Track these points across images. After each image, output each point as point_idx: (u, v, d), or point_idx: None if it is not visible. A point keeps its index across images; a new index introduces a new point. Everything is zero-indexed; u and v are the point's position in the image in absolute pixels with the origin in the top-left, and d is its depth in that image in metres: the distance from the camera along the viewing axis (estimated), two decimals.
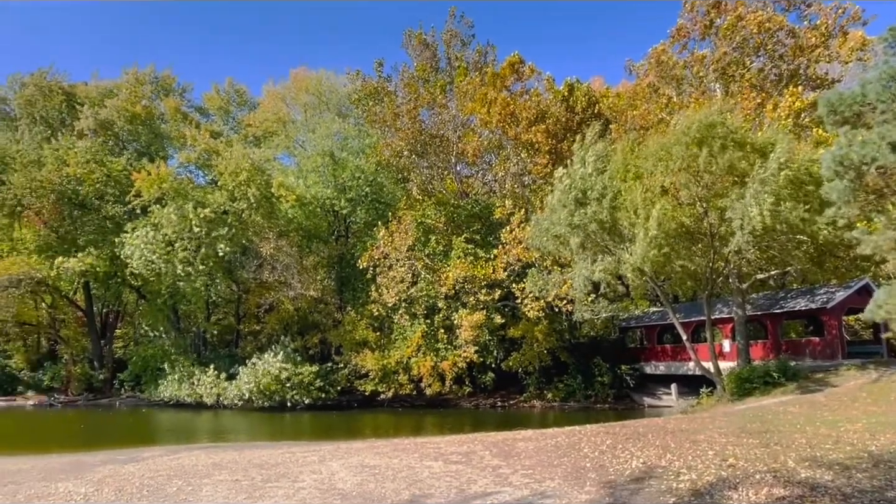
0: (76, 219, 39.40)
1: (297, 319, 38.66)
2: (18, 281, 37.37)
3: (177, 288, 36.03)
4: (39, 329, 46.25)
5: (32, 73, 43.88)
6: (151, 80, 47.49)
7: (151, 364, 38.29)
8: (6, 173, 37.89)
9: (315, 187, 37.49)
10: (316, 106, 42.03)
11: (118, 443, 19.79)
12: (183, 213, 33.61)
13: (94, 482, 10.50)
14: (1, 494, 9.45)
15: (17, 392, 41.16)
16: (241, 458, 12.85)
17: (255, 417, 30.14)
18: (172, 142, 43.00)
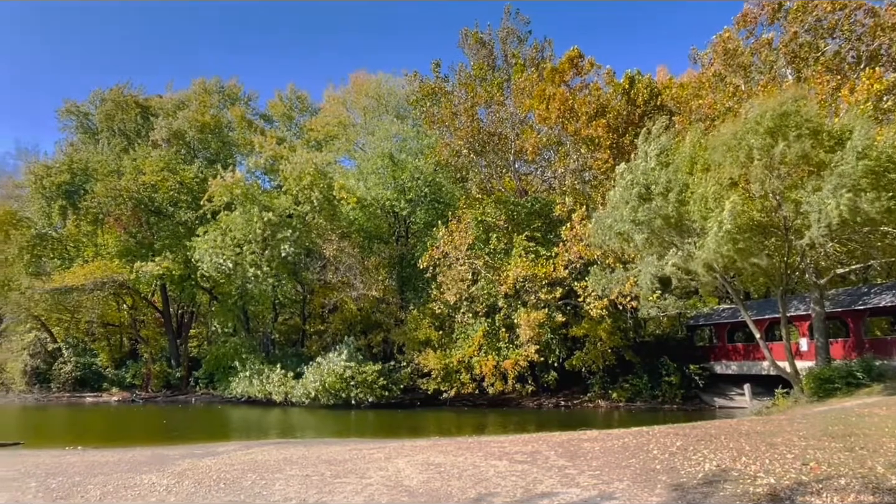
0: (152, 224, 41.64)
1: (361, 319, 39.38)
2: (102, 284, 39.81)
3: (246, 289, 37.38)
4: (122, 329, 49.05)
5: (111, 89, 46.62)
6: (218, 90, 49.55)
7: (223, 362, 39.91)
8: (90, 183, 40.40)
9: (375, 189, 38.10)
10: (375, 109, 42.73)
11: (195, 438, 20.72)
12: (249, 217, 34.89)
13: (175, 475, 11.03)
14: (92, 484, 10.05)
15: (102, 388, 43.85)
16: (310, 454, 13.18)
17: (321, 415, 30.91)
18: (239, 149, 44.70)
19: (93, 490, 9.53)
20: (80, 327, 46.79)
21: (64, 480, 10.52)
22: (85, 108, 48.32)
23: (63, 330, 46.10)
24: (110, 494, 9.16)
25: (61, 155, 43.44)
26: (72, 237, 44.31)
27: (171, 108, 45.35)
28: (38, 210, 41.28)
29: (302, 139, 46.73)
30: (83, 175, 40.85)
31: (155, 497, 8.81)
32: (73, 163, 41.10)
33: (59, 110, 47.73)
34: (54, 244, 44.17)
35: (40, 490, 9.59)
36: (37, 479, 10.76)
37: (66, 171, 40.33)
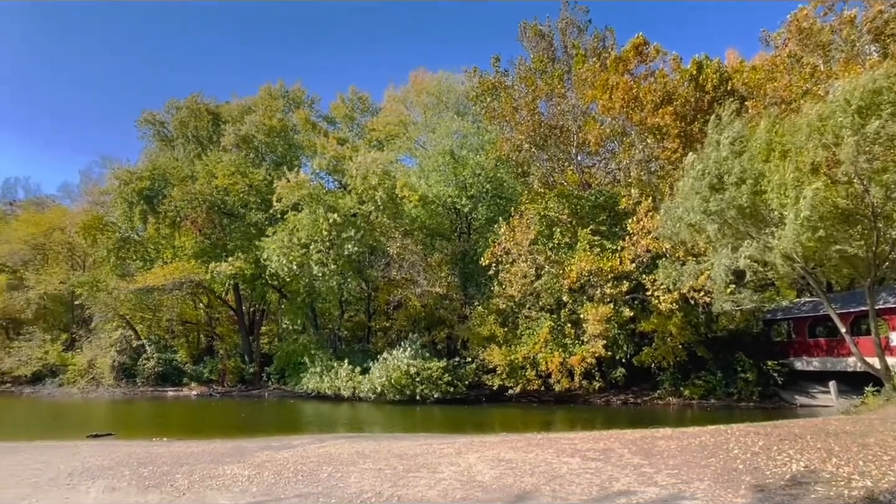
0: (225, 226, 43.48)
1: (425, 315, 39.74)
2: (181, 284, 41.94)
3: (313, 287, 38.44)
4: (199, 327, 51.52)
5: (185, 98, 48.96)
6: (283, 94, 51.11)
7: (294, 358, 41.25)
8: (167, 188, 42.56)
9: (437, 186, 38.32)
10: (435, 106, 42.96)
11: (270, 431, 21.50)
12: (315, 218, 35.84)
13: (255, 466, 11.47)
14: (179, 474, 10.60)
15: (182, 383, 46.17)
16: (382, 449, 13.41)
17: (388, 410, 31.41)
18: (304, 150, 45.94)
19: (180, 479, 10.04)
20: (161, 325, 49.45)
21: (154, 469, 11.13)
22: (161, 118, 50.82)
23: (146, 328, 48.82)
24: (196, 483, 9.62)
25: (144, 162, 45.91)
26: (152, 240, 46.86)
27: (239, 113, 47.07)
28: (121, 215, 43.81)
29: (364, 139, 47.56)
30: (161, 180, 43.07)
31: (238, 487, 9.19)
32: (153, 168, 43.40)
33: (137, 120, 50.43)
34: (136, 247, 46.81)
35: (133, 478, 10.18)
36: (130, 467, 11.43)
37: (147, 176, 42.62)
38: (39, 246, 54.16)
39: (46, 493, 9.04)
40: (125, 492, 9.05)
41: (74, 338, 51.75)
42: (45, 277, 51.35)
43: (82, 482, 9.90)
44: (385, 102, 49.02)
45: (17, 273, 54.59)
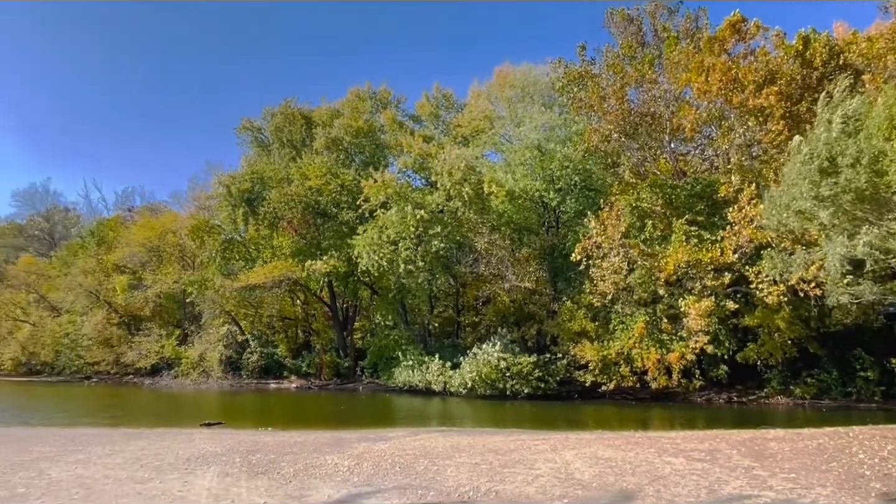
0: (319, 226, 45.24)
1: (514, 311, 39.52)
2: (279, 282, 44.11)
3: (403, 284, 39.20)
4: (297, 322, 53.99)
5: (280, 105, 51.40)
6: (370, 95, 52.40)
7: (386, 353, 42.30)
8: (265, 191, 44.85)
9: (523, 180, 37.93)
10: (520, 99, 42.50)
11: (366, 423, 22.17)
12: (403, 215, 36.53)
13: (354, 457, 11.84)
14: (285, 462, 11.13)
15: (283, 376, 48.61)
16: (476, 443, 13.46)
17: (479, 405, 31.54)
18: (391, 150, 46.91)
19: (286, 467, 10.54)
20: (262, 321, 52.26)
21: (261, 457, 11.75)
22: (258, 124, 53.62)
23: (249, 324, 51.76)
24: (301, 472, 10.05)
25: (244, 166, 48.64)
26: (253, 241, 49.55)
27: (329, 117, 48.73)
28: (225, 217, 46.67)
29: (449, 136, 47.86)
30: (260, 183, 45.42)
31: (339, 477, 9.52)
32: (252, 172, 45.90)
33: (237, 128, 53.47)
34: (239, 247, 49.68)
35: (244, 465, 10.78)
36: (240, 455, 12.13)
37: (247, 180, 45.12)
38: (154, 248, 58.72)
39: (167, 476, 9.74)
40: (236, 477, 9.59)
41: (187, 333, 55.75)
42: (160, 277, 55.66)
43: (199, 467, 10.59)
44: (470, 98, 49.08)
45: (136, 273, 59.61)
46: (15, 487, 8.82)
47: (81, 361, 59.78)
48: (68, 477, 9.69)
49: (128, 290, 58.33)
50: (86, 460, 11.54)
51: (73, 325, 61.54)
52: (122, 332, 59.06)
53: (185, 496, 8.12)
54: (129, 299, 58.19)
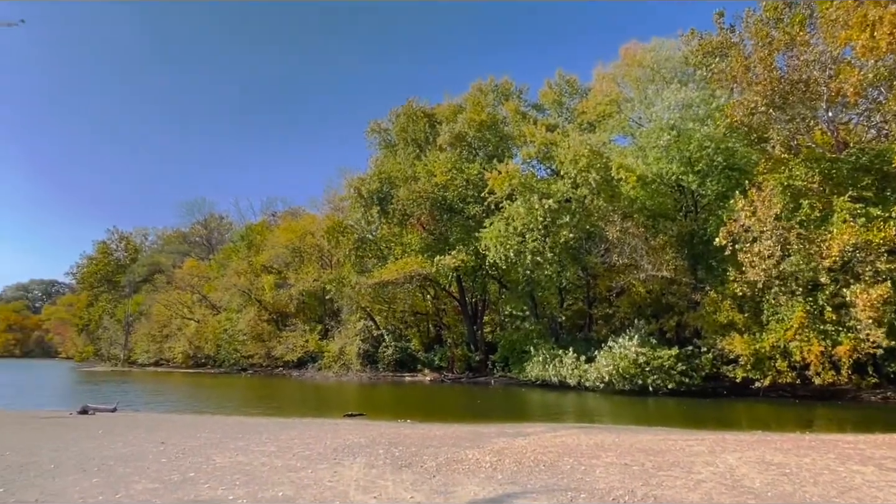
0: (446, 221, 45.87)
1: (650, 302, 37.48)
2: (410, 277, 45.36)
3: (531, 276, 38.60)
4: (428, 317, 55.30)
5: (403, 105, 52.86)
6: (492, 88, 52.20)
7: (517, 347, 41.96)
8: (393, 190, 46.26)
9: (657, 164, 35.75)
10: (650, 79, 40.02)
11: (501, 418, 21.94)
12: (530, 206, 35.90)
13: (494, 452, 11.59)
14: (427, 455, 11.12)
15: (417, 369, 49.97)
16: (622, 442, 12.68)
17: (616, 400, 30.18)
18: (515, 141, 46.37)
19: (429, 461, 10.50)
20: (396, 316, 54.13)
21: (404, 450, 11.86)
22: (384, 125, 55.48)
23: (384, 319, 53.83)
24: (444, 466, 9.96)
25: (372, 168, 50.58)
26: (384, 239, 51.36)
27: (452, 112, 49.21)
28: (357, 218, 48.81)
29: (573, 123, 46.41)
30: (388, 183, 46.93)
31: (483, 473, 9.28)
32: (380, 173, 47.57)
33: (365, 130, 55.79)
34: (371, 246, 51.74)
35: (388, 457, 10.91)
36: (383, 446, 12.35)
37: (376, 180, 46.83)
38: (296, 249, 62.99)
39: (318, 466, 10.05)
40: (382, 469, 9.68)
41: (327, 328, 59.20)
42: (302, 276, 59.64)
43: (345, 458, 10.87)
44: (594, 82, 47.13)
45: (281, 273, 64.40)
46: (186, 471, 9.55)
47: (238, 355, 65.68)
48: (230, 463, 10.34)
49: (274, 289, 63.17)
50: (245, 448, 12.32)
51: (230, 321, 67.79)
52: (272, 327, 64.02)
53: (334, 486, 8.29)
54: (276, 297, 62.99)
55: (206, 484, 8.52)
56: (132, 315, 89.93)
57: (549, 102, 50.29)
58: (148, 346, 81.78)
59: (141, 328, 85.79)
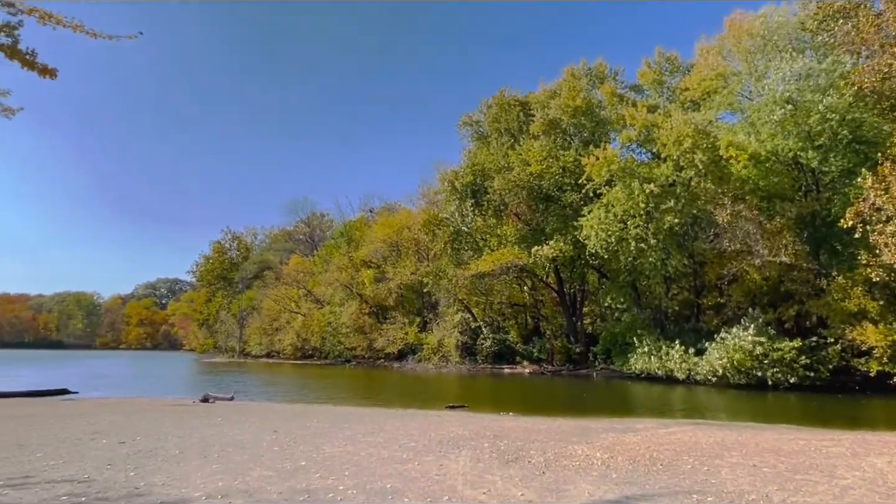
0: (542, 211, 45.04)
1: (767, 289, 34.84)
2: (507, 269, 45.06)
3: (633, 265, 37.06)
4: (525, 309, 54.66)
5: (494, 95, 52.46)
6: (585, 73, 50.48)
7: (619, 338, 40.53)
8: (487, 182, 46.00)
9: (771, 141, 33.04)
10: (760, 49, 36.95)
11: (606, 411, 21.16)
12: (630, 192, 34.42)
13: (604, 448, 11.07)
14: (533, 450, 10.82)
15: (516, 361, 49.61)
16: (745, 440, 11.74)
17: (731, 395, 28.32)
18: (612, 125, 44.66)
19: (536, 456, 10.20)
20: (493, 308, 53.95)
21: (509, 444, 11.61)
22: (476, 117, 55.33)
23: (481, 311, 53.85)
24: (552, 462, 9.61)
25: (465, 160, 50.59)
26: (479, 231, 51.29)
27: (545, 99, 48.14)
28: (453, 210, 49.02)
29: (675, 102, 43.94)
30: (481, 175, 46.72)
31: (596, 471, 8.85)
32: (473, 165, 47.46)
33: (457, 124, 55.93)
34: (467, 238, 51.86)
35: (494, 451, 10.71)
36: (487, 440, 12.17)
37: (470, 173, 46.78)
38: (394, 244, 64.40)
39: (423, 457, 10.03)
40: (488, 463, 9.49)
41: (426, 320, 60.11)
42: (400, 270, 60.92)
43: (451, 451, 10.79)
44: (697, 57, 44.26)
45: (380, 267, 66.10)
46: (298, 460, 9.84)
47: (342, 346, 68.25)
48: (339, 453, 10.55)
49: (374, 283, 64.98)
50: (352, 437, 12.58)
51: (334, 315, 70.54)
52: (372, 320, 65.94)
53: (442, 480, 8.18)
54: (376, 291, 64.78)
55: (317, 473, 8.70)
56: (245, 310, 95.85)
57: (647, 83, 47.94)
58: (260, 338, 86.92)
59: (253, 322, 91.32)
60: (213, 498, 7.12)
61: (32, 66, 8.51)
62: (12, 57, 8.45)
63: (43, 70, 8.56)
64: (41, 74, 8.57)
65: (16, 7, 8.46)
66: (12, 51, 8.42)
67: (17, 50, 8.43)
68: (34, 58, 8.50)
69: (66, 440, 11.86)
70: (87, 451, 10.48)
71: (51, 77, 8.69)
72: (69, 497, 7.07)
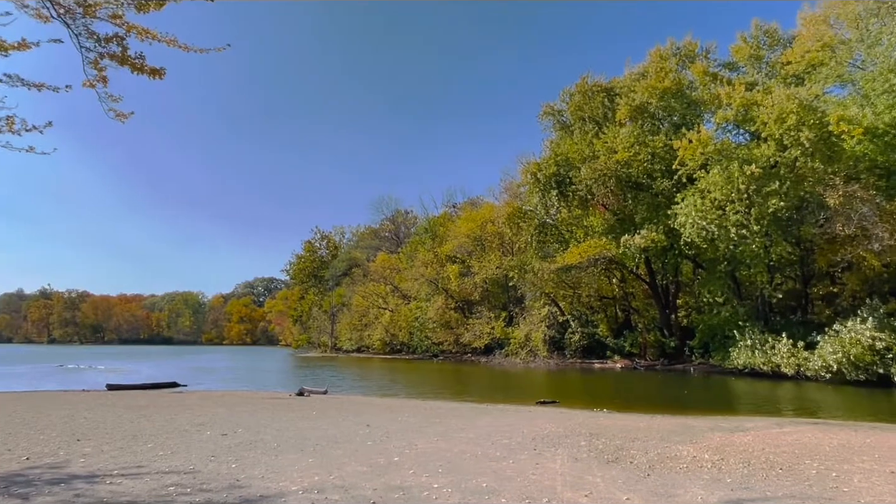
0: (630, 200, 43.29)
1: (888, 277, 31.74)
2: (595, 261, 43.69)
3: (733, 253, 34.88)
4: (615, 301, 52.79)
5: (576, 83, 50.96)
6: (673, 52, 47.88)
7: (718, 332, 38.38)
8: (572, 172, 44.74)
9: (889, 112, 30.00)
10: (874, 13, 33.52)
11: (708, 408, 19.94)
12: (728, 175, 32.35)
13: (713, 449, 10.29)
14: (634, 450, 10.20)
15: (606, 356, 48.11)
16: (876, 443, 10.56)
17: (848, 392, 25.95)
18: (705, 106, 42.11)
19: (638, 456, 9.60)
20: (581, 301, 52.45)
21: (607, 442, 11.04)
22: (558, 107, 54.03)
23: (568, 304, 52.54)
24: (656, 464, 9.00)
25: (548, 151, 49.52)
26: (565, 222, 50.05)
27: (631, 84, 46.16)
28: (536, 202, 48.12)
29: (776, 77, 40.77)
30: (566, 165, 45.50)
31: (707, 475, 8.16)
32: (556, 156, 46.32)
33: (539, 115, 54.86)
34: (552, 230, 50.77)
35: (591, 450, 10.20)
36: (584, 437, 11.65)
37: (553, 164, 45.70)
38: (477, 238, 64.21)
39: (518, 456, 9.70)
40: (587, 463, 9.02)
41: (512, 315, 59.56)
42: (485, 264, 60.67)
43: (546, 449, 10.38)
44: (799, 28, 40.83)
45: (464, 262, 66.16)
46: (391, 456, 9.78)
47: (429, 341, 68.96)
48: (432, 449, 10.42)
49: (459, 278, 65.13)
50: (444, 433, 12.45)
51: (420, 310, 71.41)
52: (458, 315, 66.15)
53: (539, 480, 7.82)
54: (461, 286, 64.90)
55: (411, 470, 8.58)
56: (336, 306, 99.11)
57: (743, 59, 44.75)
58: (350, 333, 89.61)
59: (343, 318, 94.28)
60: (310, 492, 7.14)
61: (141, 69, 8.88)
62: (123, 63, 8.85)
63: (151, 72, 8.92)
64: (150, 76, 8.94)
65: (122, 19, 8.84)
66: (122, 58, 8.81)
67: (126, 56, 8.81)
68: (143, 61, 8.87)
69: (175, 431, 12.48)
70: (192, 443, 10.95)
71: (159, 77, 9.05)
72: (176, 487, 7.31)
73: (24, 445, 10.55)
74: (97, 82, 8.76)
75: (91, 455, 9.69)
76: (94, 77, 8.71)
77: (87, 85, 8.73)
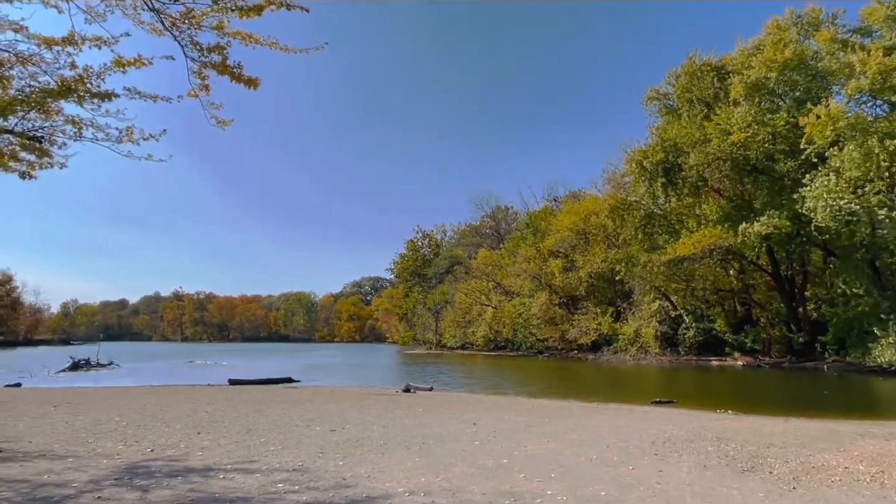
0: (748, 184, 40.08)
1: None
2: (709, 251, 40.88)
3: (873, 239, 31.28)
4: (733, 294, 49.10)
5: (682, 63, 48.01)
6: (793, 22, 43.75)
7: (856, 326, 34.64)
8: (681, 158, 42.11)
9: None
10: None
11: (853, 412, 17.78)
12: (867, 151, 28.98)
13: (868, 459, 8.98)
14: (771, 457, 9.10)
15: (725, 352, 44.97)
16: None
17: None
18: (834, 77, 38.00)
19: (777, 465, 8.55)
20: (695, 295, 49.31)
21: (738, 448, 9.98)
22: (663, 91, 51.23)
23: (681, 298, 49.58)
24: (800, 474, 7.94)
25: (654, 137, 47.00)
26: (674, 212, 47.28)
27: (745, 58, 42.73)
28: (643, 192, 45.84)
29: None
30: (674, 151, 42.94)
31: (867, 489, 7.03)
32: (663, 141, 43.79)
33: (643, 100, 52.35)
34: (660, 220, 48.10)
35: (721, 457, 9.25)
36: (710, 442, 10.62)
37: (660, 150, 43.25)
38: (581, 231, 62.35)
39: (638, 460, 8.99)
40: (719, 472, 8.14)
41: (619, 310, 57.26)
42: (589, 258, 58.81)
43: (668, 454, 9.56)
44: None
45: (568, 257, 64.50)
46: (499, 457, 9.39)
47: (533, 338, 67.92)
48: (542, 451, 9.90)
49: (563, 273, 63.59)
50: (553, 434, 11.87)
51: (524, 306, 70.53)
52: (563, 311, 64.60)
53: (665, 490, 7.09)
54: (565, 281, 63.33)
55: (521, 473, 8.13)
56: (439, 303, 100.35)
57: (878, 21, 39.93)
58: (454, 330, 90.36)
59: (447, 315, 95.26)
60: (416, 495, 6.88)
61: (240, 78, 9.06)
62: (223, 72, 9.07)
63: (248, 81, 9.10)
64: (247, 86, 9.12)
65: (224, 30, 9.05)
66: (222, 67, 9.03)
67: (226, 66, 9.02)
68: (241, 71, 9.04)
69: (286, 426, 12.82)
70: (302, 438, 11.14)
71: (254, 87, 9.21)
72: (284, 484, 7.33)
73: (151, 437, 11.19)
74: (200, 91, 9.02)
75: (208, 448, 10.08)
76: (197, 86, 8.98)
77: (191, 94, 9.03)
